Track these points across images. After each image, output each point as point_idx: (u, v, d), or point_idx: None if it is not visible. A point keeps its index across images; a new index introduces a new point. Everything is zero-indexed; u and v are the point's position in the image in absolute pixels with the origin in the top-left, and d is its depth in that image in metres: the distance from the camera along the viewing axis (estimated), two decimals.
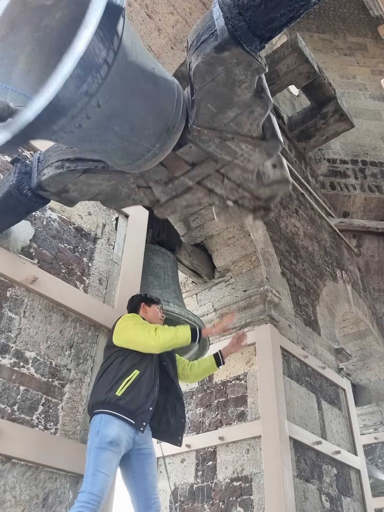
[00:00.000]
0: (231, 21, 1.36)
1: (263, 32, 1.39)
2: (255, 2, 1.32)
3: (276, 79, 5.99)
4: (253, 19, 1.35)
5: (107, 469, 2.06)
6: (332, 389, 4.89)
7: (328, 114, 6.48)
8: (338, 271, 6.30)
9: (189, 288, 4.92)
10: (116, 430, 2.15)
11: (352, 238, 7.20)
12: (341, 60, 9.48)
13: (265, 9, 1.32)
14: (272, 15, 1.34)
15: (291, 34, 7.98)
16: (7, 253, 2.39)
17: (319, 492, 3.86)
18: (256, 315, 4.30)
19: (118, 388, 2.25)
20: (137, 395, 2.27)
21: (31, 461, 2.11)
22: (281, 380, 3.96)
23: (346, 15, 9.98)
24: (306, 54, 5.84)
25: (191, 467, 4.02)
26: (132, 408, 2.23)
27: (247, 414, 3.89)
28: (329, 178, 7.22)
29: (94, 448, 2.10)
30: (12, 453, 2.04)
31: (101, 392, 2.26)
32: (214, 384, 4.30)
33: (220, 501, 3.66)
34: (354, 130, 7.19)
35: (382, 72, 9.37)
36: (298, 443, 3.85)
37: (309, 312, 5.08)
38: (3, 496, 1.97)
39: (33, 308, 2.42)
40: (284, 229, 5.37)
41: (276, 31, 1.41)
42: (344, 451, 4.47)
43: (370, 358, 6.74)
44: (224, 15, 1.37)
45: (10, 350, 2.24)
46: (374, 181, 7.34)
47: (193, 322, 3.44)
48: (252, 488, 3.54)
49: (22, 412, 2.18)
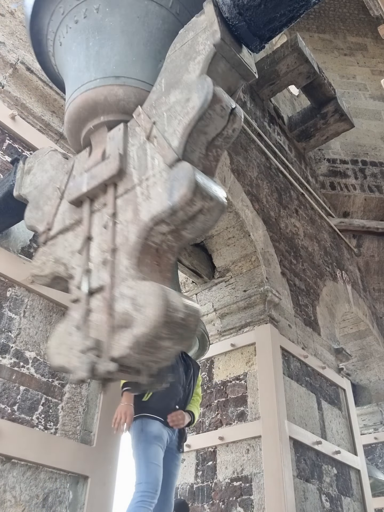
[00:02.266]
0: (231, 21, 1.36)
1: (263, 32, 1.39)
2: (255, 2, 1.31)
3: (276, 79, 5.99)
4: (253, 19, 1.35)
5: (158, 460, 2.30)
6: (332, 389, 4.89)
7: (328, 114, 6.48)
8: (338, 271, 6.30)
9: (189, 288, 4.92)
10: (157, 427, 2.40)
11: (352, 238, 7.20)
12: (341, 60, 9.48)
13: (265, 9, 1.32)
14: (272, 15, 1.34)
15: (291, 34, 7.98)
16: (7, 253, 2.39)
17: (319, 492, 3.86)
18: (256, 315, 4.30)
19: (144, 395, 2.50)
20: (162, 396, 2.47)
21: (31, 461, 2.11)
22: (281, 380, 3.96)
23: (346, 15, 9.98)
24: (306, 54, 5.84)
25: (191, 467, 4.02)
26: (160, 408, 2.46)
27: (247, 414, 3.89)
28: (329, 178, 7.21)
29: (142, 442, 2.31)
30: (12, 453, 2.04)
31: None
32: (214, 384, 4.30)
33: (220, 501, 3.66)
34: (354, 130, 7.18)
35: (382, 72, 9.37)
36: (298, 443, 3.85)
37: (309, 312, 5.08)
38: (3, 496, 1.97)
39: (33, 308, 2.42)
40: (284, 229, 5.37)
41: (276, 31, 1.40)
42: (344, 451, 4.47)
43: (370, 358, 6.74)
44: (224, 15, 1.37)
45: (10, 350, 2.24)
46: (374, 181, 7.34)
47: None
48: (252, 488, 3.54)
49: (22, 412, 2.18)
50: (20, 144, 2.78)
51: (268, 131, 6.04)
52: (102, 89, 1.57)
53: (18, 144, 2.77)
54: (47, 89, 2.96)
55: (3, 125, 2.69)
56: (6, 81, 2.82)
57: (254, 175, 5.21)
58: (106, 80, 1.57)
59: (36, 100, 2.94)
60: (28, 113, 2.87)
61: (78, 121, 1.65)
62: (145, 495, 2.12)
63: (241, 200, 4.66)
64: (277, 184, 5.73)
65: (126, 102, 1.56)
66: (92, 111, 1.60)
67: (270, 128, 6.17)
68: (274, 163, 5.80)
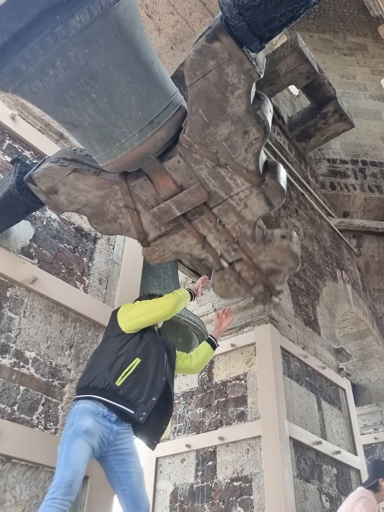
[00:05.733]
0: (231, 20, 1.36)
1: (263, 32, 1.39)
2: (255, 2, 1.31)
3: (276, 79, 5.99)
4: (253, 19, 1.35)
5: (79, 455, 1.97)
6: (332, 389, 4.89)
7: (328, 114, 6.47)
8: (338, 271, 6.30)
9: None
10: (91, 422, 2.07)
11: (352, 238, 7.20)
12: (341, 60, 9.48)
13: (265, 9, 1.32)
14: (272, 15, 1.34)
15: (291, 34, 7.98)
16: (7, 253, 2.39)
17: (319, 492, 3.86)
18: (256, 315, 4.30)
19: (118, 378, 2.18)
20: (137, 384, 2.21)
21: (31, 461, 2.11)
22: (281, 380, 3.96)
23: (346, 15, 9.97)
24: (306, 54, 5.84)
25: (191, 467, 4.02)
26: (132, 398, 2.17)
27: (247, 414, 3.89)
28: (329, 178, 7.21)
29: (68, 436, 2.02)
30: (12, 453, 2.04)
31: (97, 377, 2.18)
32: (214, 384, 4.30)
33: (220, 501, 3.66)
34: (354, 130, 7.18)
35: (382, 72, 9.37)
36: (298, 443, 3.85)
37: (309, 312, 5.08)
38: (3, 496, 1.97)
39: (33, 308, 2.42)
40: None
41: (276, 31, 1.40)
42: (344, 451, 4.47)
43: (370, 358, 6.74)
44: (224, 15, 1.37)
45: (10, 350, 2.24)
46: (374, 181, 7.34)
47: (193, 322, 3.44)
48: (252, 488, 3.54)
49: (22, 412, 2.18)
50: (20, 144, 2.78)
51: None
52: (147, 142, 1.74)
53: (18, 144, 2.77)
54: None
55: (3, 125, 2.69)
56: None
57: None
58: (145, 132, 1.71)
59: None
60: (28, 113, 2.86)
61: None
62: (57, 491, 1.86)
63: None
64: None
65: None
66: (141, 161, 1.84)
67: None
68: None
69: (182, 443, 4.11)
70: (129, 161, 1.68)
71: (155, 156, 1.73)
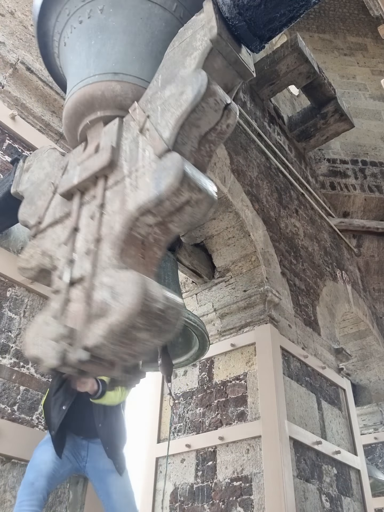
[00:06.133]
0: (231, 21, 1.36)
1: (263, 32, 1.39)
2: (255, 2, 1.31)
3: (276, 79, 5.99)
4: (253, 19, 1.35)
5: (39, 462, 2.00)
6: (332, 389, 4.89)
7: (328, 114, 6.47)
8: (338, 271, 6.30)
9: (189, 288, 4.92)
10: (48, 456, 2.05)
11: (352, 238, 7.20)
12: (341, 60, 9.48)
13: (265, 9, 1.32)
14: (272, 15, 1.34)
15: (291, 34, 7.98)
16: (7, 253, 2.39)
17: (319, 492, 3.86)
18: (256, 315, 4.30)
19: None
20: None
21: None
22: (281, 380, 3.96)
23: (346, 15, 9.97)
24: (306, 54, 5.84)
25: (191, 467, 4.02)
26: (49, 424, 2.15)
27: (247, 414, 3.89)
28: (329, 178, 7.21)
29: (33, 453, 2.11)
30: (12, 453, 2.04)
31: None
32: (214, 384, 4.30)
33: (220, 501, 3.66)
34: (354, 130, 7.18)
35: (382, 72, 9.37)
36: (298, 443, 3.85)
37: (309, 312, 5.08)
38: (3, 496, 1.97)
39: (33, 308, 2.42)
40: (284, 229, 5.37)
41: (276, 31, 1.40)
42: (344, 451, 4.47)
43: (370, 358, 6.74)
44: (224, 15, 1.37)
45: (10, 350, 2.24)
46: (374, 181, 7.34)
47: (193, 322, 3.43)
48: (252, 488, 3.54)
49: (22, 412, 2.18)
50: (20, 144, 2.78)
51: (268, 131, 6.04)
52: (100, 84, 1.57)
53: (18, 144, 2.77)
54: (47, 89, 2.96)
55: (3, 125, 2.70)
56: (6, 81, 2.82)
57: (254, 175, 5.21)
58: (104, 76, 1.58)
59: (36, 100, 2.94)
60: (28, 113, 2.87)
61: (75, 116, 1.65)
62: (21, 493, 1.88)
63: (241, 200, 4.66)
64: (277, 184, 5.73)
65: (123, 98, 1.57)
66: (89, 106, 1.60)
67: (270, 128, 6.16)
68: (274, 163, 5.80)
69: (182, 443, 4.11)
70: (78, 98, 1.61)
71: (101, 110, 1.61)
